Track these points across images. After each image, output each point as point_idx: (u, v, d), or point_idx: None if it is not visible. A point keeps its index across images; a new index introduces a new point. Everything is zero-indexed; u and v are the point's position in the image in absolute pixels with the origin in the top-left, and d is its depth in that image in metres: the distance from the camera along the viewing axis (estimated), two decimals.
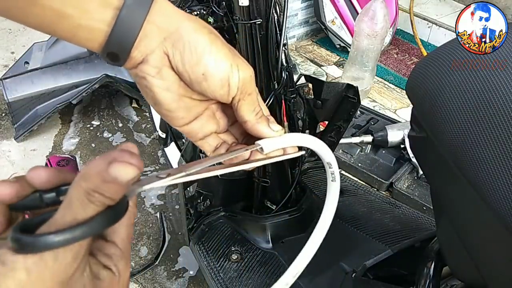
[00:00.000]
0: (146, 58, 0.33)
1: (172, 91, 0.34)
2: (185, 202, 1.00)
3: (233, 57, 0.34)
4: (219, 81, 0.34)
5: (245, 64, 0.35)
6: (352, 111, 1.00)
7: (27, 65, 1.77)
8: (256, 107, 0.36)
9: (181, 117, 0.37)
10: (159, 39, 0.32)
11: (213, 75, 0.33)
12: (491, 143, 0.41)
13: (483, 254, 0.47)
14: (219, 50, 0.34)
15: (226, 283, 0.95)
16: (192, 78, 0.34)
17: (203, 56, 0.33)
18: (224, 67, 0.34)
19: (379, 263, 0.85)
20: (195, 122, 0.38)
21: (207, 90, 0.34)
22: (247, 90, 0.35)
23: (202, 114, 0.38)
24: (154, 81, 0.34)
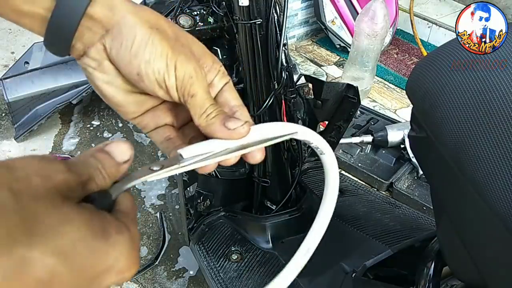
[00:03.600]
0: (86, 51, 0.32)
1: (115, 86, 0.33)
2: (185, 202, 1.00)
3: (173, 53, 0.31)
4: (155, 82, 0.31)
5: (186, 60, 0.32)
6: (352, 111, 1.00)
7: (27, 65, 1.77)
8: (207, 108, 0.32)
9: (132, 111, 0.35)
10: (100, 32, 0.31)
11: (147, 75, 0.31)
12: (491, 143, 0.41)
13: (483, 254, 0.47)
14: (156, 48, 0.31)
15: (226, 283, 0.95)
16: (129, 77, 0.32)
17: (137, 55, 0.31)
18: (159, 67, 0.31)
19: (379, 263, 0.85)
20: (146, 115, 0.36)
21: (146, 90, 0.32)
22: (188, 91, 0.32)
23: (155, 107, 0.36)
24: (95, 73, 0.33)
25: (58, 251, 0.22)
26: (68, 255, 0.22)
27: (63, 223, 0.22)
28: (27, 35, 2.26)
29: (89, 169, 0.27)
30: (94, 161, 0.27)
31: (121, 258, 0.25)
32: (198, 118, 0.33)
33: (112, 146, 0.28)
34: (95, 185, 0.27)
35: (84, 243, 0.23)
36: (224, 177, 1.05)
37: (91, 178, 0.27)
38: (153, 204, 1.46)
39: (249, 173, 1.06)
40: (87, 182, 0.26)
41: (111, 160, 0.28)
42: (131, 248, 0.25)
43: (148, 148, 1.69)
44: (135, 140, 1.73)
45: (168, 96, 0.33)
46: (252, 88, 0.88)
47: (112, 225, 0.25)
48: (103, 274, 0.24)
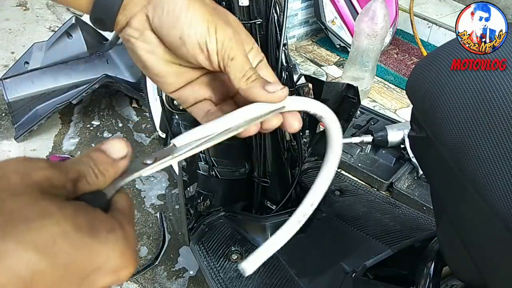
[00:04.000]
0: (129, 21, 0.33)
1: (157, 55, 0.34)
2: (185, 202, 1.00)
3: (213, 18, 0.32)
4: (196, 45, 0.32)
5: (225, 26, 0.32)
6: (352, 111, 1.01)
7: (27, 65, 1.77)
8: (247, 72, 0.33)
9: (171, 82, 0.36)
10: (142, 3, 0.32)
11: (190, 38, 0.32)
12: (491, 143, 0.41)
13: (483, 254, 0.47)
14: (197, 12, 0.32)
15: (226, 283, 0.95)
16: (171, 42, 0.33)
17: (179, 18, 0.32)
18: (201, 30, 0.32)
19: (379, 263, 0.85)
20: (186, 88, 0.36)
21: (187, 55, 0.33)
22: (229, 54, 0.32)
23: (194, 80, 0.37)
24: (138, 43, 0.34)
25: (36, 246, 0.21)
26: (48, 250, 0.21)
27: (41, 216, 0.21)
28: (27, 35, 2.26)
29: (78, 166, 0.26)
30: (86, 159, 0.27)
31: (113, 257, 0.24)
32: (238, 81, 0.33)
33: (107, 144, 0.28)
34: (87, 183, 0.26)
35: (66, 238, 0.22)
36: (224, 177, 1.05)
37: (81, 175, 0.26)
38: (153, 204, 1.46)
39: (249, 173, 1.06)
40: (77, 180, 0.26)
41: (105, 157, 0.27)
42: (125, 247, 0.24)
43: (148, 148, 1.69)
44: (135, 140, 1.73)
45: (208, 62, 0.33)
46: None
47: (103, 223, 0.24)
48: (94, 274, 0.23)
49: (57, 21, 2.44)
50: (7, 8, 2.57)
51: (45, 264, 0.21)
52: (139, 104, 1.89)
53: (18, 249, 0.20)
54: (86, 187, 0.26)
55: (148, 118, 1.80)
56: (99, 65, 1.71)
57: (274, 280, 0.94)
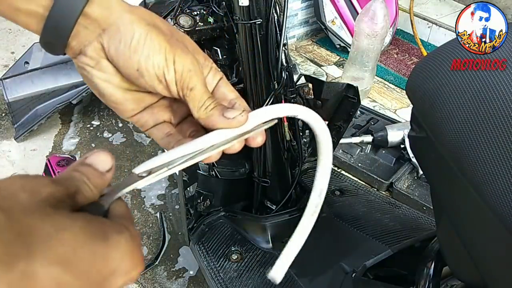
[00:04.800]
0: (83, 49, 0.32)
1: (113, 83, 0.33)
2: (185, 202, 1.00)
3: (171, 48, 0.32)
4: (154, 76, 0.32)
5: (183, 56, 0.32)
6: (352, 111, 1.00)
7: (27, 65, 1.77)
8: (205, 101, 0.33)
9: (130, 109, 0.36)
10: (97, 31, 0.32)
11: (147, 70, 0.31)
12: (491, 143, 0.41)
13: (483, 254, 0.47)
14: (154, 43, 0.31)
15: (226, 283, 0.95)
16: (129, 73, 0.32)
17: (136, 50, 0.31)
18: (158, 62, 0.31)
19: (379, 263, 0.85)
20: (145, 112, 0.36)
21: (146, 86, 0.33)
22: (187, 85, 0.32)
23: (154, 104, 0.36)
24: (93, 72, 0.33)
25: (59, 259, 0.22)
26: (70, 262, 0.22)
27: (59, 231, 0.22)
28: (27, 35, 2.26)
29: (75, 182, 0.27)
30: (79, 174, 0.27)
31: (125, 258, 0.25)
32: (197, 111, 0.33)
33: (93, 157, 0.29)
34: (83, 197, 0.27)
35: (84, 248, 0.23)
36: (224, 177, 1.05)
37: (78, 191, 0.27)
38: (153, 204, 1.46)
39: (249, 173, 1.06)
40: (75, 195, 0.26)
41: (95, 171, 0.28)
42: (134, 247, 0.26)
43: (148, 148, 1.69)
44: (135, 140, 1.73)
45: (167, 91, 0.33)
46: (252, 88, 0.88)
47: (110, 227, 0.25)
48: (110, 277, 0.24)
49: None
50: None
51: (69, 275, 0.22)
52: None
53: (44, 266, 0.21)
54: (83, 200, 0.27)
55: None
56: None
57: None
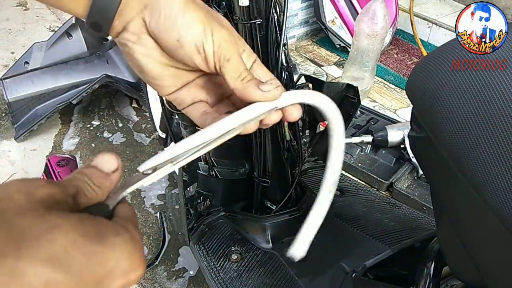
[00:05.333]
0: (126, 26, 0.33)
1: (153, 58, 0.34)
2: (185, 202, 1.00)
3: (208, 21, 0.33)
4: (193, 47, 0.33)
5: (220, 28, 0.33)
6: (352, 111, 1.00)
7: (27, 65, 1.77)
8: (242, 72, 0.34)
9: (168, 85, 0.36)
10: (138, 7, 0.33)
11: (187, 40, 0.32)
12: (491, 143, 0.41)
13: (483, 254, 0.47)
14: (193, 14, 0.32)
15: (226, 283, 0.95)
16: (169, 45, 0.33)
17: (176, 21, 0.32)
18: (197, 32, 0.32)
19: (379, 263, 0.85)
20: (182, 90, 0.37)
21: (184, 58, 0.34)
22: (224, 55, 0.33)
23: (191, 82, 0.37)
24: (135, 47, 0.34)
25: (49, 258, 0.21)
26: (61, 261, 0.22)
27: (51, 230, 0.22)
28: (27, 35, 2.26)
29: (75, 182, 0.27)
30: (80, 175, 0.28)
31: (122, 260, 0.24)
32: (234, 82, 0.34)
33: (97, 159, 0.29)
34: (85, 197, 0.27)
35: (76, 247, 0.23)
36: (224, 177, 1.05)
37: (79, 191, 0.27)
38: (153, 204, 1.46)
39: (249, 173, 1.06)
40: (76, 196, 0.26)
41: (98, 171, 0.28)
42: (133, 249, 0.25)
43: (148, 148, 1.69)
44: (135, 140, 1.73)
45: (205, 64, 0.34)
46: None
47: (108, 228, 0.25)
48: (106, 278, 0.24)
49: (57, 21, 2.44)
50: (7, 8, 2.57)
51: (60, 275, 0.22)
52: (139, 104, 1.89)
53: (34, 265, 0.21)
54: (86, 201, 0.27)
55: (148, 118, 1.80)
56: (99, 65, 1.71)
57: (274, 280, 0.94)
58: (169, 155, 0.31)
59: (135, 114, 1.86)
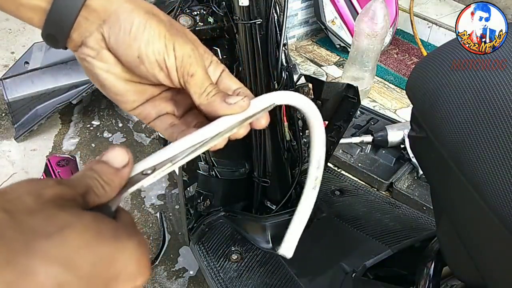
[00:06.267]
0: (84, 40, 0.33)
1: (114, 74, 0.34)
2: (185, 202, 1.00)
3: (170, 35, 0.32)
4: (155, 63, 0.32)
5: (183, 43, 0.32)
6: (352, 111, 1.00)
7: (27, 65, 1.77)
8: (207, 87, 0.33)
9: (131, 100, 0.36)
10: (98, 21, 0.32)
11: (148, 57, 0.32)
12: (491, 143, 0.41)
13: (483, 254, 0.47)
14: (154, 30, 0.32)
15: (226, 283, 0.95)
16: (129, 61, 0.33)
17: (136, 37, 0.31)
18: (158, 48, 0.32)
19: (379, 263, 0.85)
20: (147, 105, 0.36)
21: (147, 74, 0.33)
22: (188, 71, 0.32)
23: (156, 96, 0.36)
24: (94, 62, 0.33)
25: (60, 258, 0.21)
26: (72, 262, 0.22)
27: (62, 229, 0.22)
28: (27, 35, 2.26)
29: (85, 180, 0.26)
30: (90, 172, 0.27)
31: (131, 263, 0.24)
32: (198, 97, 0.33)
33: (108, 154, 0.28)
34: (95, 195, 0.26)
35: (88, 247, 0.22)
36: (224, 177, 1.05)
37: (89, 189, 0.26)
38: (153, 204, 1.46)
39: (249, 173, 1.06)
40: (85, 194, 0.26)
41: (108, 167, 0.28)
42: (141, 254, 0.25)
43: (148, 148, 1.69)
44: (135, 140, 1.73)
45: (168, 80, 0.33)
46: (252, 88, 0.88)
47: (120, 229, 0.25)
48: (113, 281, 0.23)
49: None
50: None
51: (70, 276, 0.21)
52: None
53: (44, 264, 0.21)
54: (95, 199, 0.26)
55: None
56: None
57: (274, 280, 0.94)
58: (167, 154, 0.30)
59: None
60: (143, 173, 0.29)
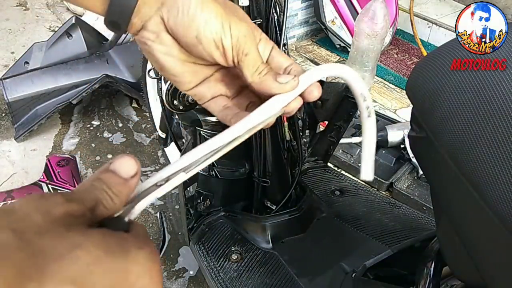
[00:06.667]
0: (145, 24, 0.34)
1: (173, 56, 0.35)
2: (185, 202, 1.00)
3: (226, 15, 0.33)
4: (212, 42, 0.33)
5: (238, 22, 0.34)
6: (352, 111, 1.00)
7: (27, 65, 1.77)
8: (259, 66, 0.35)
9: (188, 81, 0.37)
10: (156, 5, 0.33)
11: (206, 36, 0.33)
12: (491, 143, 0.41)
13: (483, 254, 0.47)
14: (211, 10, 0.33)
15: (226, 283, 0.95)
16: (188, 42, 0.34)
17: (194, 18, 0.33)
18: (216, 28, 0.33)
19: (379, 263, 0.85)
20: (202, 85, 0.38)
21: (203, 54, 0.34)
22: (243, 50, 0.34)
23: (210, 77, 0.38)
24: (154, 45, 0.34)
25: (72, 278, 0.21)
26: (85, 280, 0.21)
27: (72, 249, 0.22)
28: (27, 35, 2.26)
29: (93, 193, 0.26)
30: (99, 183, 0.27)
31: (143, 275, 0.24)
32: (251, 76, 0.35)
33: (116, 163, 0.28)
34: (104, 208, 0.26)
35: (99, 264, 0.22)
36: (224, 177, 1.05)
37: (97, 202, 0.26)
38: (153, 204, 1.46)
39: (249, 173, 1.06)
40: (94, 208, 0.26)
41: (116, 178, 0.27)
42: (153, 264, 0.25)
43: (148, 148, 1.69)
44: (135, 140, 1.73)
45: (223, 58, 0.34)
46: None
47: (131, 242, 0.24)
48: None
49: (57, 21, 2.44)
50: (7, 8, 2.57)
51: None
52: (139, 104, 1.89)
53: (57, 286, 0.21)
54: (104, 212, 0.26)
55: (148, 118, 1.80)
56: (99, 65, 1.71)
57: (274, 280, 0.94)
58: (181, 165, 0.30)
59: (135, 114, 1.86)
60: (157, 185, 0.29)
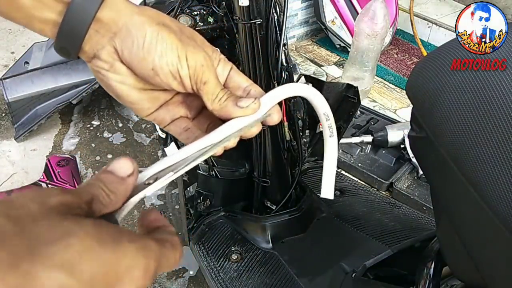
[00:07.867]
0: (97, 53, 0.33)
1: (129, 85, 0.34)
2: (185, 202, 1.00)
3: (182, 45, 0.33)
4: (169, 74, 0.33)
5: (195, 52, 0.33)
6: (352, 111, 1.01)
7: (27, 65, 1.77)
8: (218, 93, 0.34)
9: (146, 107, 0.37)
10: (109, 34, 0.32)
11: (162, 68, 0.33)
12: (491, 143, 0.41)
13: (483, 254, 0.47)
14: (166, 42, 0.32)
15: (226, 283, 0.95)
16: (144, 73, 0.33)
17: (149, 51, 0.32)
18: (172, 60, 0.33)
19: (379, 263, 0.85)
20: (161, 109, 0.37)
21: (161, 84, 0.34)
22: (201, 79, 0.34)
23: (169, 100, 0.37)
24: (108, 74, 0.34)
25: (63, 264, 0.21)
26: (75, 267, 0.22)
27: (65, 236, 0.22)
28: (27, 35, 2.26)
29: (90, 189, 0.27)
30: (95, 181, 0.27)
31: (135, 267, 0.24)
32: (211, 103, 0.35)
33: (113, 164, 0.29)
34: (100, 204, 0.27)
35: (91, 253, 0.23)
36: (224, 177, 1.05)
37: (95, 198, 0.27)
38: (153, 204, 1.46)
39: (249, 173, 1.06)
40: (91, 202, 0.26)
41: (113, 176, 0.28)
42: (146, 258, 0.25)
43: (148, 148, 1.69)
44: (135, 140, 1.73)
45: (182, 87, 0.34)
46: None
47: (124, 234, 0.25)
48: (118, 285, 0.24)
49: None
50: None
51: (73, 280, 0.22)
52: None
53: (47, 269, 0.21)
54: (101, 208, 0.27)
55: None
56: None
57: (274, 280, 0.94)
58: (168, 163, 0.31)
59: (135, 114, 1.86)
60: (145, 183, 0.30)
